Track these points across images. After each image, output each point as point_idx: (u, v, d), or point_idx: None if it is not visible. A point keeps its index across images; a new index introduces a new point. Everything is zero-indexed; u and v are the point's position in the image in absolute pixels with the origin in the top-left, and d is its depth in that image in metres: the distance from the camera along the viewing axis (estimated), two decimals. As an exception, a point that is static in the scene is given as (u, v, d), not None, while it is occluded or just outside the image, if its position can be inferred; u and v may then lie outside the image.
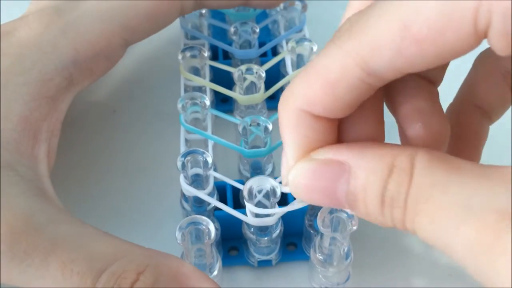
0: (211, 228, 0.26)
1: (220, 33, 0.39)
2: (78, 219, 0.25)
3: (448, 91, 0.41)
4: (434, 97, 0.23)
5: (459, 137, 0.25)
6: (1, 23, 0.37)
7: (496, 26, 0.15)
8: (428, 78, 0.24)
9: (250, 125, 0.30)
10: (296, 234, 0.31)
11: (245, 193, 0.26)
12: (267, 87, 0.33)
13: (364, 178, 0.19)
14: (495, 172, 0.17)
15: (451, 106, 0.26)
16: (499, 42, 0.16)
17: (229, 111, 0.37)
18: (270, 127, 0.30)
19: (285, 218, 0.29)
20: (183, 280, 0.23)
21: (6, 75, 0.27)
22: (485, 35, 0.16)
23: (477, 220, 0.16)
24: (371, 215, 0.19)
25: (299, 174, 0.20)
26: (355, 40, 0.18)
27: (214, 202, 0.29)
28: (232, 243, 0.32)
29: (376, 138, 0.22)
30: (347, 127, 0.21)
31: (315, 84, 0.19)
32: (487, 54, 0.25)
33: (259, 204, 0.27)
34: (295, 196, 0.21)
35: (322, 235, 0.27)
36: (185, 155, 0.29)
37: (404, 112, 0.22)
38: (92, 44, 0.30)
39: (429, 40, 0.16)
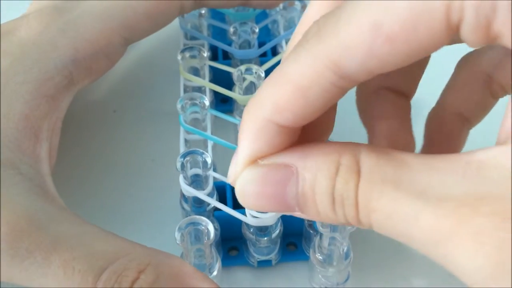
0: (211, 228, 0.26)
1: (219, 34, 0.39)
2: (79, 217, 0.25)
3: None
4: (404, 111, 0.24)
5: (438, 143, 0.25)
6: (1, 23, 0.37)
7: (469, 19, 0.15)
8: (401, 91, 0.24)
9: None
10: (296, 234, 0.31)
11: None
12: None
13: (311, 178, 0.18)
14: (442, 161, 0.17)
15: (432, 111, 0.26)
16: (471, 35, 0.16)
17: (229, 112, 0.37)
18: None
19: (285, 218, 0.29)
20: (183, 280, 0.23)
21: (6, 74, 0.28)
22: (457, 29, 0.16)
23: (436, 208, 0.16)
24: (322, 215, 0.19)
25: (246, 181, 0.19)
26: (324, 44, 0.17)
27: (214, 202, 0.29)
28: (232, 243, 0.32)
29: (324, 137, 0.22)
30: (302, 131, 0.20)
31: (286, 91, 0.18)
32: (468, 60, 0.25)
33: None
34: (243, 205, 0.20)
35: (321, 235, 0.27)
36: (184, 155, 0.29)
37: (373, 126, 0.23)
38: (92, 43, 0.30)
39: (401, 38, 0.16)
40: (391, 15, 0.16)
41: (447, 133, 0.25)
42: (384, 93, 0.23)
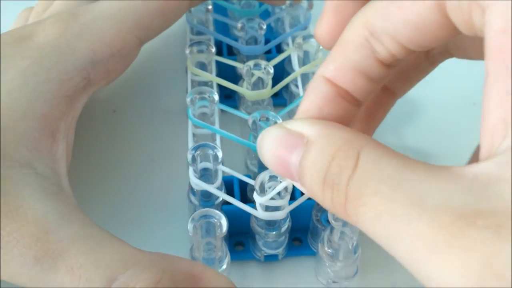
0: (223, 222, 0.26)
1: (223, 29, 0.39)
2: (89, 219, 0.25)
3: (443, 89, 0.41)
4: (384, 108, 0.27)
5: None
6: (1, 23, 0.37)
7: None
8: (389, 88, 0.27)
9: (260, 120, 0.30)
10: (302, 229, 0.32)
11: (257, 187, 0.27)
12: (272, 84, 0.33)
13: (314, 154, 0.19)
14: (445, 172, 0.17)
15: None
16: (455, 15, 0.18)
17: (233, 107, 0.37)
18: (280, 122, 0.30)
19: (292, 212, 0.30)
20: (197, 282, 0.23)
21: (25, 74, 0.28)
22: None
23: (431, 217, 0.16)
24: (314, 194, 0.19)
25: (265, 137, 0.21)
26: (364, 9, 0.21)
27: (224, 196, 0.29)
28: (238, 238, 0.32)
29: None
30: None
31: (333, 49, 0.21)
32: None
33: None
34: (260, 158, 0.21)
35: (332, 229, 0.27)
36: (195, 148, 0.29)
37: None
38: (108, 44, 0.30)
39: (407, 5, 0.19)
40: None
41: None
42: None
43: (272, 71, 0.32)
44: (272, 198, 0.28)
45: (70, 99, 0.28)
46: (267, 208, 0.28)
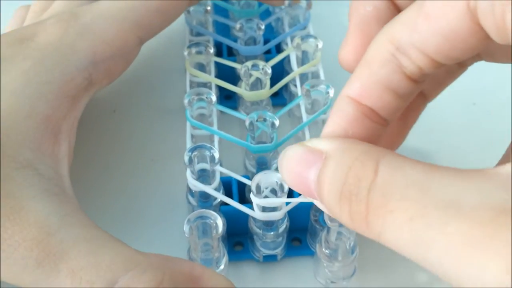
0: (219, 222, 0.26)
1: (223, 30, 0.40)
2: (90, 220, 0.25)
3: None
4: (416, 111, 0.27)
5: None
6: (1, 22, 0.37)
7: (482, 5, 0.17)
8: (423, 92, 0.27)
9: (257, 120, 0.30)
10: (301, 230, 0.32)
11: (253, 188, 0.27)
12: (271, 83, 0.33)
13: (331, 167, 0.19)
14: (477, 173, 0.17)
15: None
16: (487, 23, 0.18)
17: (233, 108, 0.37)
18: (277, 123, 0.30)
19: (290, 213, 0.30)
20: (197, 283, 0.23)
21: (27, 75, 0.28)
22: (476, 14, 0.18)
23: (470, 216, 0.15)
24: (332, 209, 0.19)
25: (285, 156, 0.21)
26: (388, 24, 0.20)
27: (221, 196, 0.29)
28: (237, 238, 0.32)
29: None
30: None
31: (358, 66, 0.21)
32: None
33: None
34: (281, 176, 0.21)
35: (329, 229, 0.27)
36: (192, 150, 0.29)
37: None
38: (109, 44, 0.30)
39: (434, 15, 0.19)
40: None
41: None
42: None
43: (270, 71, 0.32)
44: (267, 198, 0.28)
45: (72, 99, 0.29)
46: (264, 209, 0.28)
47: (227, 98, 0.38)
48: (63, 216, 0.24)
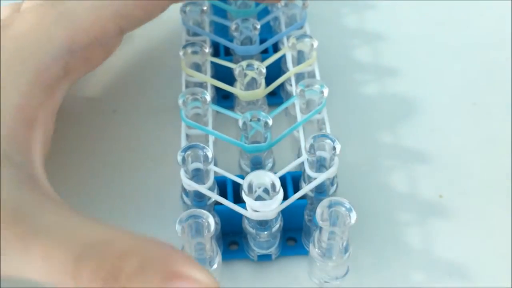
0: (211, 221, 0.26)
1: (221, 30, 0.40)
2: (66, 205, 0.25)
3: (443, 89, 0.41)
4: None
5: None
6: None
7: None
8: None
9: (251, 120, 0.30)
10: (296, 229, 0.32)
11: (245, 187, 0.27)
12: (268, 83, 0.33)
13: None
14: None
15: None
16: None
17: (230, 108, 0.37)
18: (270, 122, 0.30)
19: (284, 213, 0.30)
20: (172, 267, 0.22)
21: (4, 67, 0.28)
22: None
23: None
24: None
25: None
26: None
27: (215, 196, 0.29)
28: (232, 237, 0.32)
29: None
30: None
31: None
32: None
33: (258, 199, 0.28)
34: None
35: (321, 229, 0.27)
36: (185, 149, 0.29)
37: None
38: (87, 32, 0.30)
39: None
40: None
41: None
42: None
43: (264, 71, 0.33)
44: (262, 199, 0.28)
45: (48, 88, 0.29)
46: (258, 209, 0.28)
47: (225, 98, 0.39)
48: (35, 204, 0.24)
